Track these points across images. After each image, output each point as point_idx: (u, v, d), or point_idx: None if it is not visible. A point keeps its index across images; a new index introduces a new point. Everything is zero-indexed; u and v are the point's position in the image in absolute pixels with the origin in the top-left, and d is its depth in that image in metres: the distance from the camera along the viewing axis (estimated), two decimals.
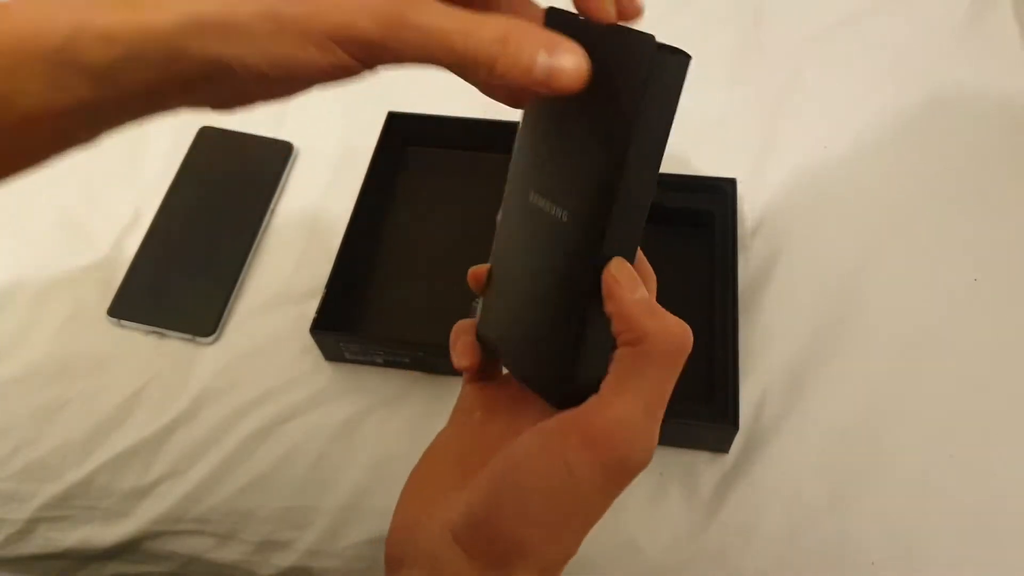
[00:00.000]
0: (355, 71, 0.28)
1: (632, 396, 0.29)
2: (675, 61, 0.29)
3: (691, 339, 0.30)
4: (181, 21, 0.27)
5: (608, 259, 0.30)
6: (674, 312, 0.31)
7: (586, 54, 0.28)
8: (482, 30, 0.27)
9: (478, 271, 0.36)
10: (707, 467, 0.57)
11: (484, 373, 0.37)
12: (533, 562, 0.30)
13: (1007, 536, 0.54)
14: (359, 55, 0.27)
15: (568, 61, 0.28)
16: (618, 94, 0.29)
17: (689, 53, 0.29)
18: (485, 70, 0.27)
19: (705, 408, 0.57)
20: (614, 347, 0.30)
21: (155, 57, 0.27)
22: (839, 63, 0.77)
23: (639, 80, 0.28)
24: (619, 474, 0.29)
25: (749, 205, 0.69)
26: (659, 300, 0.32)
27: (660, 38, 0.30)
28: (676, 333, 0.30)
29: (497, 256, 0.36)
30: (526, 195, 0.33)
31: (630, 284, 0.30)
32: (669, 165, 0.68)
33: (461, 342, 0.36)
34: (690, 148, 0.72)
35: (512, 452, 0.30)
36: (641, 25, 0.32)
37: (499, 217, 0.35)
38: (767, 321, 0.63)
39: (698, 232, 0.66)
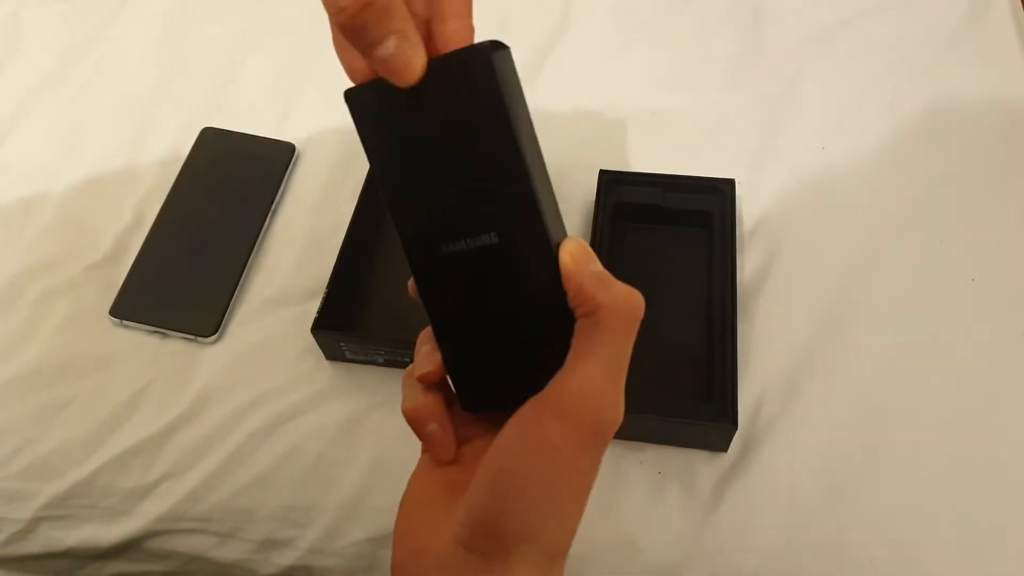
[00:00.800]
0: None
1: (593, 363, 0.30)
2: (504, 51, 0.31)
3: (642, 305, 0.31)
4: None
5: (557, 244, 0.31)
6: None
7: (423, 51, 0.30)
8: None
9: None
10: (706, 466, 0.57)
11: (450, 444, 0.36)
12: (540, 546, 0.30)
13: (1006, 536, 0.54)
14: None
15: (412, 57, 0.29)
16: (477, 98, 0.30)
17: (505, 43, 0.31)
18: (332, 20, 0.28)
19: (704, 407, 0.57)
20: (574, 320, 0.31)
21: None
22: (839, 63, 0.77)
23: (488, 76, 0.30)
24: (595, 436, 0.30)
25: (748, 205, 0.69)
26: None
27: (660, 37, 0.30)
28: (627, 300, 0.31)
29: (441, 328, 0.35)
30: (435, 253, 0.32)
31: (585, 258, 0.31)
32: (669, 165, 0.68)
33: (426, 348, 0.36)
34: (689, 148, 0.72)
35: (497, 447, 0.31)
36: (641, 24, 0.32)
37: (413, 294, 0.35)
38: (766, 321, 0.63)
39: (697, 232, 0.66)
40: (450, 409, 0.36)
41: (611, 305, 0.30)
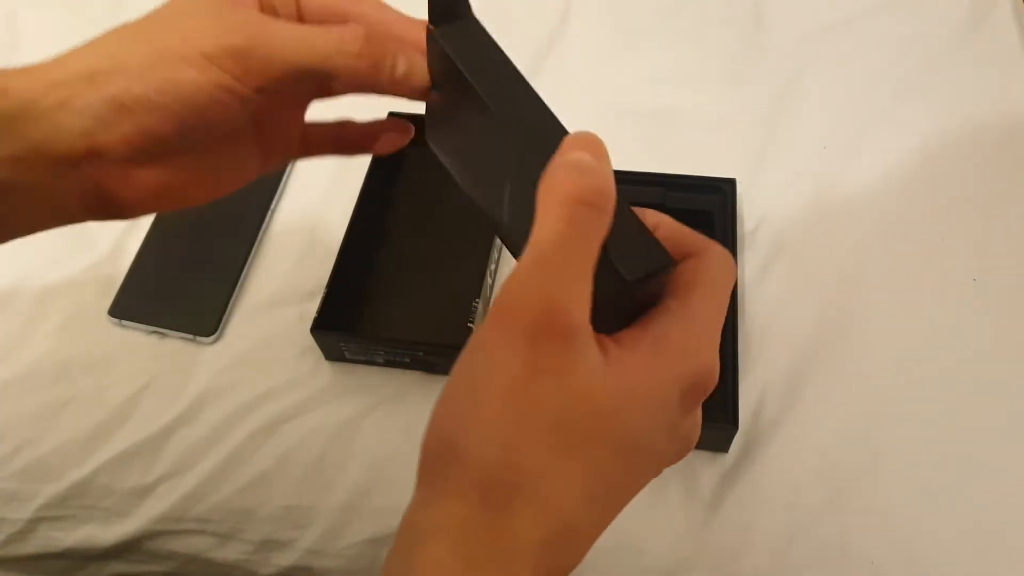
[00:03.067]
0: (236, 91, 0.31)
1: (524, 252, 0.26)
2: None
3: (601, 192, 0.27)
4: (78, 70, 0.31)
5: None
6: None
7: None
8: (343, 30, 0.32)
9: None
10: (706, 467, 0.57)
11: None
12: (467, 466, 0.26)
13: (1007, 536, 0.54)
14: (233, 70, 0.31)
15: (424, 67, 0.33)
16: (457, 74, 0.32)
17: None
18: (349, 72, 0.32)
19: (704, 407, 0.56)
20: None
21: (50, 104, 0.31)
22: (839, 63, 0.77)
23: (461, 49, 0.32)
24: (520, 330, 0.25)
25: (749, 205, 0.69)
26: None
27: (660, 37, 0.31)
28: (574, 182, 0.27)
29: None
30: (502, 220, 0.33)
31: (573, 145, 0.28)
32: (670, 165, 0.68)
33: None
34: (690, 148, 0.72)
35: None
36: (641, 24, 0.33)
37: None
38: (767, 321, 0.63)
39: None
40: None
41: (547, 189, 0.27)
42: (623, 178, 0.67)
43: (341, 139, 0.40)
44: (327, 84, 0.38)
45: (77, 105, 0.31)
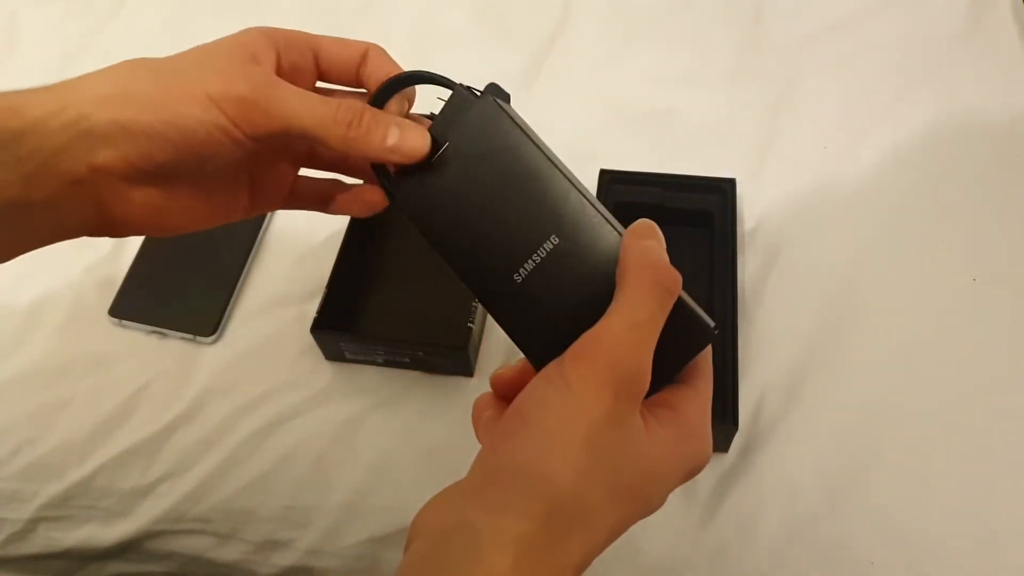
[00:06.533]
0: (232, 135, 0.34)
1: (612, 318, 0.31)
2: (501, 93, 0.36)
3: (674, 279, 0.32)
4: (90, 94, 0.33)
5: (607, 219, 0.34)
6: None
7: (423, 126, 0.36)
8: (339, 107, 0.34)
9: (506, 380, 0.35)
10: (706, 467, 0.57)
11: None
12: (536, 491, 0.29)
13: (1006, 536, 0.54)
14: (234, 116, 0.33)
15: (414, 138, 0.35)
16: (497, 136, 0.35)
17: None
18: (339, 140, 0.34)
19: None
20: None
21: (63, 122, 0.32)
22: (839, 63, 0.77)
23: (499, 113, 0.35)
24: (612, 382, 0.30)
25: (749, 205, 0.69)
26: None
27: (660, 37, 0.32)
28: (655, 268, 0.32)
29: (527, 343, 0.35)
30: (510, 285, 0.35)
31: (644, 233, 0.33)
32: (670, 165, 0.68)
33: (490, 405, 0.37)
34: (690, 148, 0.72)
35: (517, 398, 0.32)
36: (641, 24, 0.34)
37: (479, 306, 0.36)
38: (767, 321, 0.63)
39: (698, 232, 0.66)
40: None
41: (638, 270, 0.32)
42: (623, 178, 0.68)
43: (327, 197, 0.42)
44: (317, 150, 0.42)
45: (85, 126, 0.33)
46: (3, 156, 0.32)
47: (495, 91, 0.36)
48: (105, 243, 0.70)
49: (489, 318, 0.65)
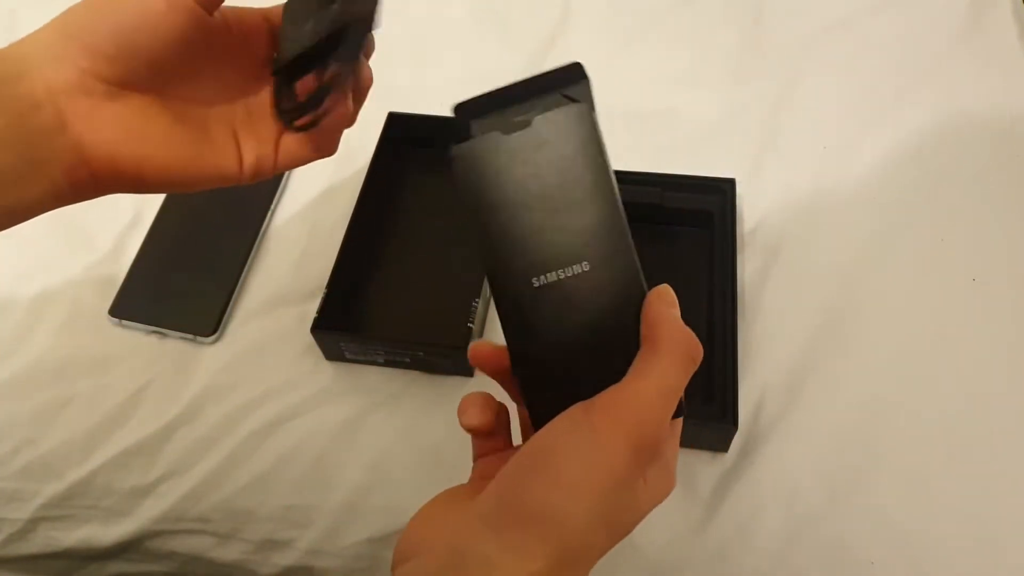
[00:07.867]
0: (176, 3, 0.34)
1: (648, 382, 0.33)
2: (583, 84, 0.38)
3: (701, 353, 0.34)
4: (31, 36, 0.34)
5: (639, 269, 0.35)
6: None
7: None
8: None
9: (483, 354, 0.37)
10: (706, 466, 0.57)
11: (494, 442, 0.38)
12: (555, 532, 0.30)
13: (1006, 536, 0.54)
14: None
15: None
16: (578, 147, 0.36)
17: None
18: None
19: (705, 407, 0.57)
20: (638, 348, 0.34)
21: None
22: (839, 63, 0.77)
23: (590, 128, 0.36)
24: (637, 441, 0.31)
25: (749, 205, 0.69)
26: None
27: (660, 37, 0.32)
28: (689, 342, 0.34)
29: (519, 355, 0.36)
30: (526, 282, 0.35)
31: (670, 300, 0.35)
32: (669, 165, 0.68)
33: (477, 403, 0.37)
34: (690, 148, 0.72)
35: (540, 433, 0.32)
36: (641, 23, 0.34)
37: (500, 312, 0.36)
38: (767, 321, 0.63)
39: (698, 232, 0.66)
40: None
41: (673, 341, 0.33)
42: (623, 178, 0.67)
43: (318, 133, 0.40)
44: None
45: (29, 48, 0.34)
46: None
47: (588, 97, 0.37)
48: (105, 243, 0.70)
49: (490, 318, 0.65)
